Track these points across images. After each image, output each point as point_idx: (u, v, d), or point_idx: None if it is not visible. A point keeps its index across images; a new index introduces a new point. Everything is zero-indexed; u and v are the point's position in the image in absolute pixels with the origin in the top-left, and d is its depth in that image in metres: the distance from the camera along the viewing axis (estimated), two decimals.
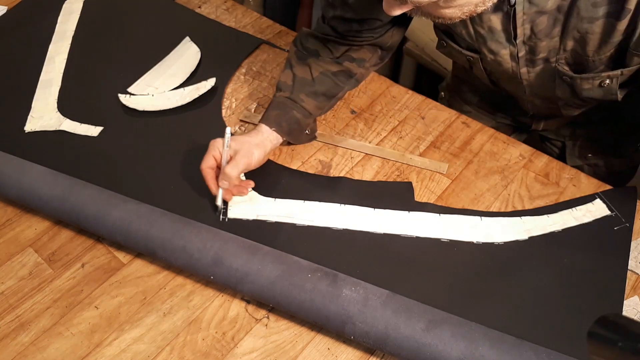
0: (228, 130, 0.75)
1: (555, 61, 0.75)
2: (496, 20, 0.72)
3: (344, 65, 0.84)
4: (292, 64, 0.84)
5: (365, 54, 0.85)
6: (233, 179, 0.74)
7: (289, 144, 0.85)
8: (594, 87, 0.76)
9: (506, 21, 0.72)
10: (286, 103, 0.80)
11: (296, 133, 0.82)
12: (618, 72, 0.72)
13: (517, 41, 0.73)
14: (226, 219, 0.77)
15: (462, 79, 1.03)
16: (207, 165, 0.75)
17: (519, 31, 0.72)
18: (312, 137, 0.85)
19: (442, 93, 1.09)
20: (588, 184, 0.81)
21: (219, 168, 0.76)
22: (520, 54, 0.75)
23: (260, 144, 0.78)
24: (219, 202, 0.75)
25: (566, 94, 0.80)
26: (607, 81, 0.74)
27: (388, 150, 0.85)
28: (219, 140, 0.76)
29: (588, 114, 0.89)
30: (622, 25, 0.66)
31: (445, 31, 0.82)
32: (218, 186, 0.75)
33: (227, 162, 0.75)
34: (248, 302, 0.70)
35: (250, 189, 0.79)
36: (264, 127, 0.79)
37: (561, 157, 0.97)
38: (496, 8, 0.70)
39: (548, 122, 0.95)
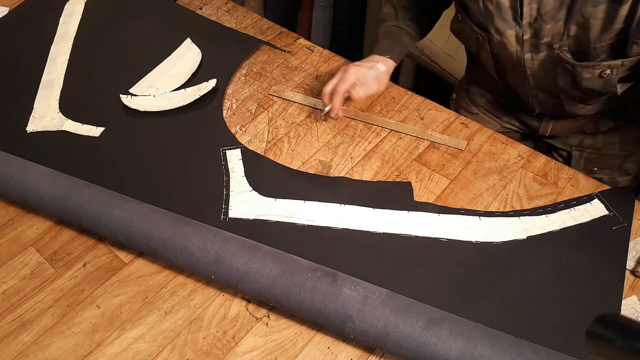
0: (381, 66, 0.86)
1: (558, 47, 0.76)
2: None
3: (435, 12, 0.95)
4: None
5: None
6: (356, 97, 0.84)
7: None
8: (594, 77, 0.76)
9: None
10: (394, 31, 0.91)
11: (402, 57, 0.92)
12: (619, 62, 0.73)
13: (523, 22, 0.75)
14: (227, 219, 0.77)
15: (472, 78, 1.04)
16: (344, 88, 0.83)
17: (525, 10, 0.74)
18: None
19: (454, 94, 1.11)
20: (586, 184, 0.81)
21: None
22: (525, 37, 0.77)
23: (385, 72, 0.87)
24: (327, 109, 0.86)
25: (567, 84, 0.80)
26: (607, 71, 0.75)
27: (409, 126, 0.89)
28: (360, 69, 0.84)
29: (597, 123, 0.90)
30: (624, 10, 0.68)
31: (462, 4, 0.84)
32: (328, 99, 0.85)
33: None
34: (249, 301, 0.71)
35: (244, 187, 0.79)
36: (378, 57, 0.88)
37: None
38: None
39: (556, 125, 0.94)
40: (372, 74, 0.84)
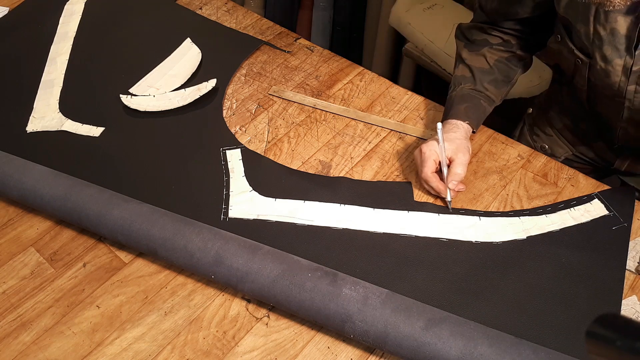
0: (440, 125, 0.77)
1: None
2: (622, 23, 0.68)
3: (514, 51, 0.86)
4: (463, 57, 0.87)
5: (517, 43, 0.87)
6: (462, 177, 0.77)
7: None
8: None
9: (633, 26, 0.67)
10: (472, 94, 0.84)
11: (481, 122, 0.85)
12: None
13: (636, 52, 0.69)
14: (227, 219, 0.77)
15: (555, 99, 0.97)
16: (431, 170, 0.77)
17: None
18: None
19: (530, 109, 1.05)
20: (586, 184, 0.81)
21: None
22: (634, 68, 0.71)
23: (465, 137, 0.81)
24: (449, 198, 0.77)
25: None
26: None
27: (410, 126, 0.88)
28: (432, 144, 0.77)
29: None
30: None
31: (566, 26, 0.78)
32: (446, 186, 0.77)
33: (447, 159, 0.77)
34: (249, 301, 0.71)
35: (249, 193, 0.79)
36: (458, 122, 0.81)
37: None
38: (629, 10, 0.66)
39: (634, 161, 0.89)
40: (441, 139, 0.76)
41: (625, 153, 0.89)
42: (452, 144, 0.78)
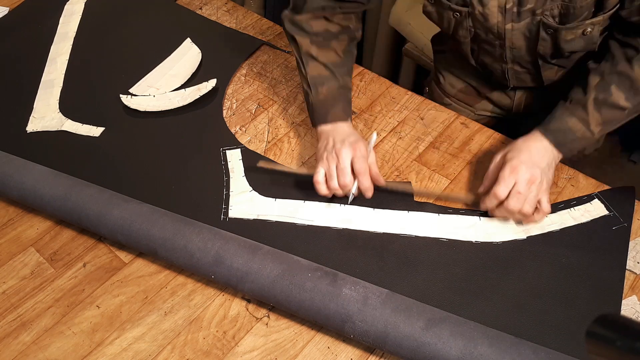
0: (375, 135, 0.78)
1: (540, 13, 0.75)
2: None
3: (353, 34, 0.86)
4: (314, 55, 0.82)
5: (355, 19, 0.86)
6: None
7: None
8: (577, 37, 0.76)
9: None
10: (341, 92, 0.82)
11: (351, 112, 0.85)
12: (600, 17, 0.73)
13: None
14: (227, 219, 0.77)
15: (442, 67, 1.03)
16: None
17: None
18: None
19: (427, 88, 1.11)
20: (586, 184, 0.81)
21: None
22: (508, 5, 0.75)
23: (358, 136, 0.79)
24: (355, 192, 0.76)
25: (548, 49, 0.80)
26: (589, 29, 0.74)
27: (453, 195, 0.81)
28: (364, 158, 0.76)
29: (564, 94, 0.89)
30: None
31: None
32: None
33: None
34: (249, 301, 0.71)
35: (251, 190, 0.79)
36: (344, 124, 0.80)
37: None
38: None
39: (528, 98, 0.94)
40: (371, 142, 0.78)
41: (519, 92, 0.94)
42: (359, 150, 0.76)
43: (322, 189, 0.76)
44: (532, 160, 0.73)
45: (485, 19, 0.79)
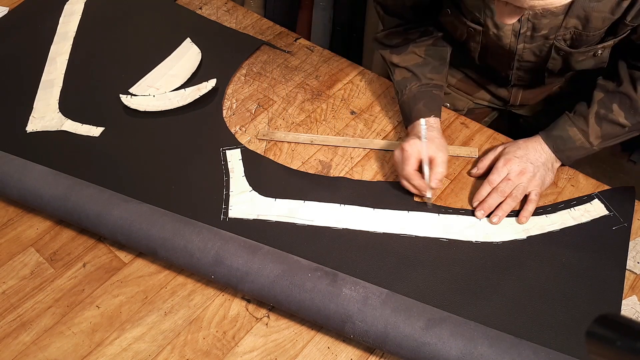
0: (423, 121, 0.78)
1: (554, 38, 0.78)
2: None
3: (435, 34, 0.89)
4: (396, 62, 0.88)
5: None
6: (444, 174, 0.77)
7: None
8: (588, 58, 0.80)
9: None
10: (422, 90, 0.85)
11: (441, 109, 0.86)
12: (610, 42, 0.76)
13: (522, 17, 0.76)
14: (227, 219, 0.77)
15: None
16: (413, 168, 0.77)
17: None
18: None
19: None
20: (586, 184, 0.81)
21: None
22: (522, 30, 0.78)
23: (441, 134, 0.82)
24: (430, 196, 0.77)
25: (557, 67, 0.83)
26: (600, 51, 0.78)
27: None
28: (414, 143, 0.77)
29: (561, 88, 0.93)
30: (626, 2, 0.69)
31: (454, 1, 0.83)
32: (427, 184, 0.76)
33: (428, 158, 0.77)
34: (248, 301, 0.70)
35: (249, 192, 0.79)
36: (427, 120, 0.80)
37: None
38: None
39: (525, 93, 0.96)
40: (424, 136, 0.77)
41: (516, 87, 0.96)
42: (432, 143, 0.78)
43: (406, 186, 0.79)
44: (527, 157, 0.78)
45: (498, 39, 0.81)
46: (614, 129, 0.77)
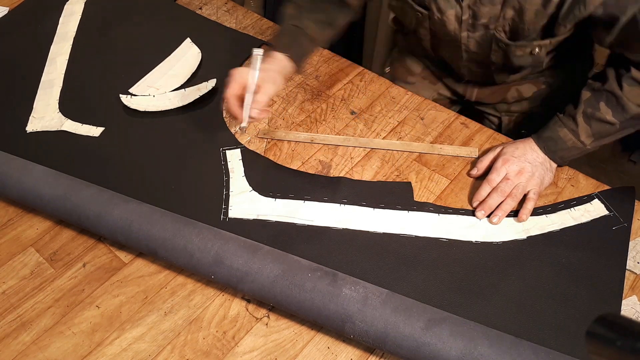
0: (259, 51, 0.76)
1: (494, 28, 0.82)
2: None
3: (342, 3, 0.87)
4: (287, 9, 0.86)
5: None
6: (264, 105, 0.75)
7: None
8: (525, 54, 0.84)
9: None
10: (293, 30, 0.84)
11: (303, 60, 0.84)
12: (547, 41, 0.81)
13: (463, 3, 0.81)
14: (227, 219, 0.77)
15: (405, 49, 1.08)
16: (234, 92, 0.75)
17: None
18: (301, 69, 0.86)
19: (387, 68, 1.14)
20: (586, 184, 0.81)
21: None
22: (464, 17, 0.83)
23: (281, 70, 0.80)
24: (245, 124, 0.74)
25: (499, 59, 0.87)
26: (537, 50, 0.82)
27: (415, 144, 0.87)
28: (243, 70, 0.76)
29: (519, 91, 0.97)
30: None
31: None
32: (242, 112, 0.74)
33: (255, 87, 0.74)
34: (248, 301, 0.71)
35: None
36: (278, 54, 0.80)
37: (499, 131, 0.97)
38: None
39: (480, 91, 1.00)
40: (255, 65, 0.76)
41: (471, 84, 1.01)
42: (263, 73, 0.77)
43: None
44: (525, 157, 0.80)
45: (443, 24, 0.85)
46: (603, 127, 0.78)
